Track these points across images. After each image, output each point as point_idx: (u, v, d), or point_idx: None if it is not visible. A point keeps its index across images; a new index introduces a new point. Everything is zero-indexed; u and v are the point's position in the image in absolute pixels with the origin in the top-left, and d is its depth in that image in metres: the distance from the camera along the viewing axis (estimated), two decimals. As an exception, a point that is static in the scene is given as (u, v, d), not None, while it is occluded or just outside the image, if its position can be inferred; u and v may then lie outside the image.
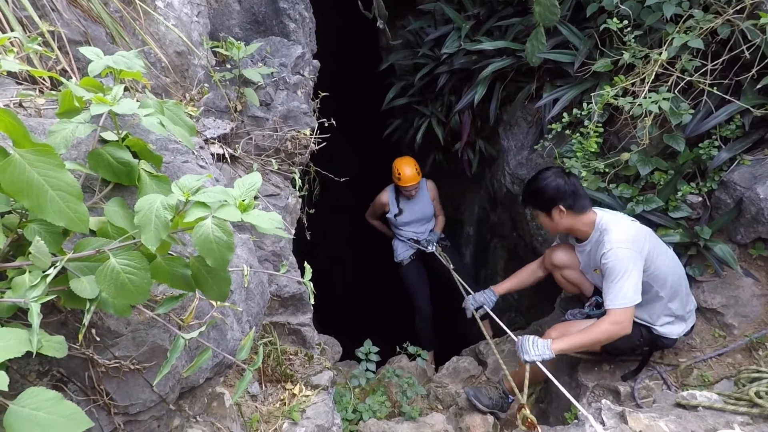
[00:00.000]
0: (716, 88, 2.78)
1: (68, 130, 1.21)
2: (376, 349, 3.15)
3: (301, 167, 2.85)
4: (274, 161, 2.66)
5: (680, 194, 2.95)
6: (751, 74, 2.68)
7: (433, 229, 4.55)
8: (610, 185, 3.12)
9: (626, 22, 3.04)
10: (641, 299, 2.47)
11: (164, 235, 1.08)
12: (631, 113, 2.91)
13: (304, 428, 2.13)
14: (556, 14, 3.30)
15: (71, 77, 1.80)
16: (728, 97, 2.79)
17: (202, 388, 1.72)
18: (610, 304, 2.44)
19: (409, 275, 4.55)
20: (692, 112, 2.86)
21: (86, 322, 1.11)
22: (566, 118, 3.27)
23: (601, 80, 3.24)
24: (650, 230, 2.67)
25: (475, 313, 3.13)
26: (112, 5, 2.18)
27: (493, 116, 4.14)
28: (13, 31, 1.66)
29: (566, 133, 3.32)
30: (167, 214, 1.09)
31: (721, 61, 2.76)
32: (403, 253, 4.54)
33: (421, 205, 4.42)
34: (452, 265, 4.07)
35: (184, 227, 1.14)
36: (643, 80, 2.93)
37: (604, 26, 3.14)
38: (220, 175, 2.01)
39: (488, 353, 3.77)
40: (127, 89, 1.73)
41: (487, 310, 3.10)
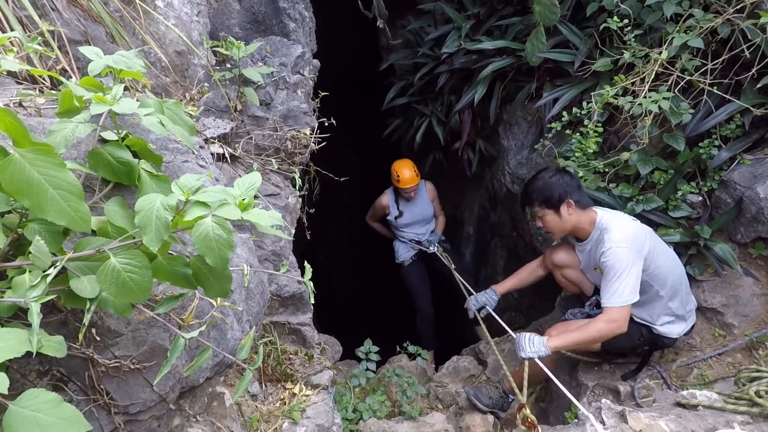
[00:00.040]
0: (716, 87, 2.78)
1: (68, 129, 1.21)
2: (376, 348, 3.15)
3: (301, 167, 2.85)
4: (274, 161, 2.66)
5: (680, 194, 2.95)
6: (751, 73, 2.68)
7: (434, 230, 4.57)
8: (610, 185, 3.12)
9: (626, 21, 3.04)
10: (641, 299, 2.47)
11: (165, 235, 1.08)
12: (631, 113, 2.91)
13: (304, 428, 2.12)
14: (556, 13, 3.30)
15: (71, 77, 1.80)
16: (728, 96, 2.79)
17: (202, 387, 1.72)
18: (606, 302, 2.45)
19: (410, 276, 4.56)
20: (692, 111, 2.86)
21: (86, 321, 1.11)
22: (566, 117, 3.27)
23: (601, 80, 3.24)
24: (650, 229, 2.67)
25: (477, 313, 3.14)
26: (112, 5, 2.18)
27: (493, 116, 4.13)
28: (13, 30, 1.66)
29: (566, 132, 3.33)
30: (168, 214, 1.09)
31: (721, 60, 2.76)
32: (404, 254, 4.56)
33: (420, 206, 4.44)
34: (453, 265, 4.09)
35: (184, 226, 1.14)
36: (643, 80, 2.93)
37: (604, 25, 3.14)
38: (220, 174, 2.01)
39: (488, 353, 3.77)
40: (127, 89, 1.73)
41: (489, 310, 3.10)
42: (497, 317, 3.01)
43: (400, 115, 5.23)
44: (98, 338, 1.28)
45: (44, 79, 1.73)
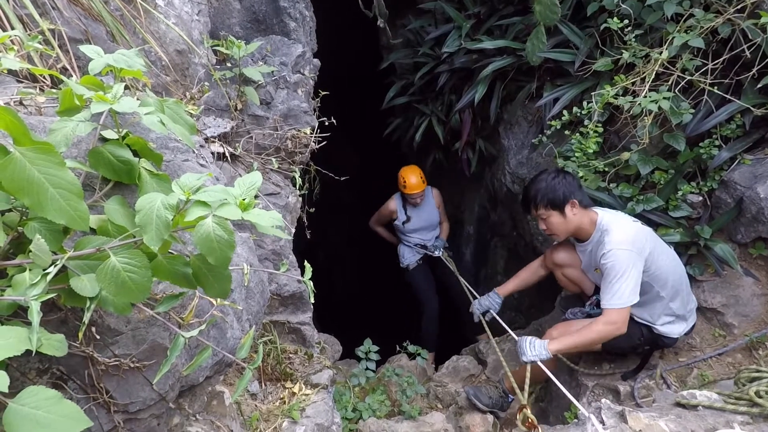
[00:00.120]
0: (717, 87, 2.78)
1: (69, 128, 1.20)
2: (375, 348, 3.16)
3: (301, 166, 2.85)
4: (274, 160, 2.66)
5: (680, 193, 2.95)
6: (751, 73, 2.68)
7: (438, 235, 4.62)
8: (610, 184, 3.12)
9: (627, 21, 3.04)
10: (642, 299, 2.47)
11: (166, 234, 1.08)
12: (631, 112, 2.91)
13: (303, 427, 2.12)
14: (556, 13, 3.30)
15: (72, 75, 1.80)
16: (729, 96, 2.79)
17: (201, 386, 1.72)
18: (606, 303, 2.46)
19: (415, 278, 4.61)
20: (693, 111, 2.86)
21: (86, 320, 1.11)
22: (566, 116, 3.27)
23: (601, 79, 3.24)
24: (651, 230, 2.67)
25: (482, 317, 3.16)
26: (112, 3, 2.18)
27: (493, 115, 4.14)
28: (13, 29, 1.66)
29: (566, 132, 3.32)
30: (168, 213, 1.09)
31: (721, 60, 2.76)
32: (410, 258, 4.59)
33: (427, 212, 4.50)
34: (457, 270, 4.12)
35: (184, 226, 1.14)
36: (643, 79, 2.93)
37: (604, 25, 3.14)
38: (220, 173, 2.01)
39: (488, 352, 3.78)
40: (127, 87, 1.73)
41: (493, 314, 3.12)
42: (501, 321, 3.04)
43: (400, 114, 5.23)
44: (98, 337, 1.28)
45: (45, 77, 1.72)
